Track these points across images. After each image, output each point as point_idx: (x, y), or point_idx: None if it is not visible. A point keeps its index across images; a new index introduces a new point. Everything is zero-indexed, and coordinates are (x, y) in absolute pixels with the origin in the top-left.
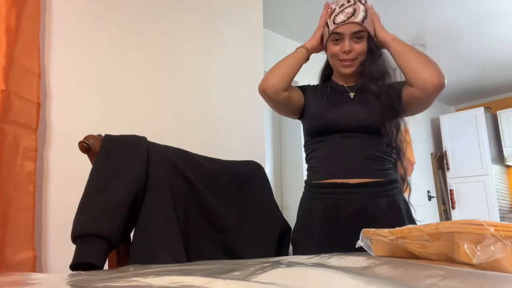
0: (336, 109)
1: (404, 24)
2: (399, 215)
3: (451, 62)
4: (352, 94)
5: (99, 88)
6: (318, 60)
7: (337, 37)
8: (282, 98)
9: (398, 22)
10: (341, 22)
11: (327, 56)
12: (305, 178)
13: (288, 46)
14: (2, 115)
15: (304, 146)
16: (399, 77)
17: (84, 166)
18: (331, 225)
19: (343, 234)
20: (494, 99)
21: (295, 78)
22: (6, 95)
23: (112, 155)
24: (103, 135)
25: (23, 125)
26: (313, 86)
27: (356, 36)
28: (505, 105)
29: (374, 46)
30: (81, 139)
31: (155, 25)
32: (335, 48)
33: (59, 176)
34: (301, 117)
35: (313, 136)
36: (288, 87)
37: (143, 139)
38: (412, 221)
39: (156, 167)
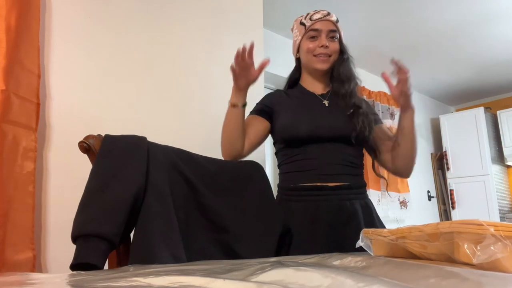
0: (313, 119)
1: (404, 24)
2: (372, 215)
3: (451, 62)
4: (326, 103)
5: (99, 88)
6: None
7: (314, 33)
8: (248, 151)
9: (399, 22)
10: (318, 18)
11: (301, 55)
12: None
13: (288, 46)
14: (2, 115)
15: (277, 153)
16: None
17: (84, 166)
18: (312, 225)
19: (324, 233)
20: (494, 99)
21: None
22: (6, 95)
23: (112, 155)
24: (103, 135)
25: (23, 125)
26: (279, 92)
27: (331, 35)
28: (505, 105)
29: (344, 50)
30: (81, 139)
31: (155, 25)
32: (311, 45)
33: (59, 176)
34: (271, 128)
35: (289, 145)
36: (243, 142)
37: (143, 139)
38: (380, 221)
39: (156, 167)
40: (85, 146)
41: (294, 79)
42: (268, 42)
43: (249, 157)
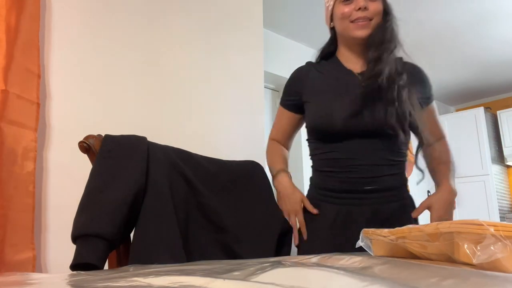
0: (348, 109)
1: (404, 24)
2: (409, 219)
3: (451, 62)
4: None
5: (99, 88)
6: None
7: None
8: (290, 144)
9: (398, 22)
10: None
11: (335, 23)
12: (310, 175)
13: (288, 46)
14: (2, 115)
15: (309, 143)
16: (402, 51)
17: (84, 166)
18: (342, 230)
19: (356, 239)
20: (494, 99)
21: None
22: (6, 95)
23: (112, 155)
24: (103, 135)
25: (23, 125)
26: (308, 69)
27: None
28: (505, 105)
29: (388, 10)
30: (81, 139)
31: (155, 25)
32: (346, 9)
33: (59, 176)
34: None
35: (321, 139)
36: (284, 141)
37: (143, 139)
38: (417, 223)
39: (156, 167)
40: (85, 146)
41: (327, 53)
42: (268, 42)
43: (249, 157)
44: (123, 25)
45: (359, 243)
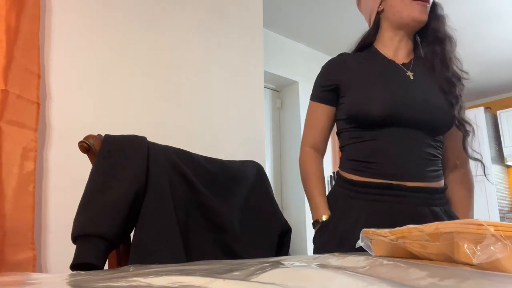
0: (393, 94)
1: None
2: None
3: None
4: (411, 74)
5: (99, 88)
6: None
7: None
8: (326, 147)
9: None
10: None
11: (387, 4)
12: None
13: (288, 46)
14: (2, 115)
15: (340, 133)
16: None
17: (84, 166)
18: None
19: None
20: (494, 99)
21: (295, 78)
22: (5, 95)
23: (112, 155)
24: (103, 135)
25: (23, 125)
26: (345, 58)
27: None
28: (505, 105)
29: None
30: (81, 139)
31: (155, 25)
32: None
33: (59, 176)
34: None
35: (358, 126)
36: (321, 143)
37: (143, 139)
38: None
39: (156, 167)
40: (85, 146)
41: (367, 43)
42: (268, 42)
43: (249, 157)
44: (123, 25)
45: (359, 243)
